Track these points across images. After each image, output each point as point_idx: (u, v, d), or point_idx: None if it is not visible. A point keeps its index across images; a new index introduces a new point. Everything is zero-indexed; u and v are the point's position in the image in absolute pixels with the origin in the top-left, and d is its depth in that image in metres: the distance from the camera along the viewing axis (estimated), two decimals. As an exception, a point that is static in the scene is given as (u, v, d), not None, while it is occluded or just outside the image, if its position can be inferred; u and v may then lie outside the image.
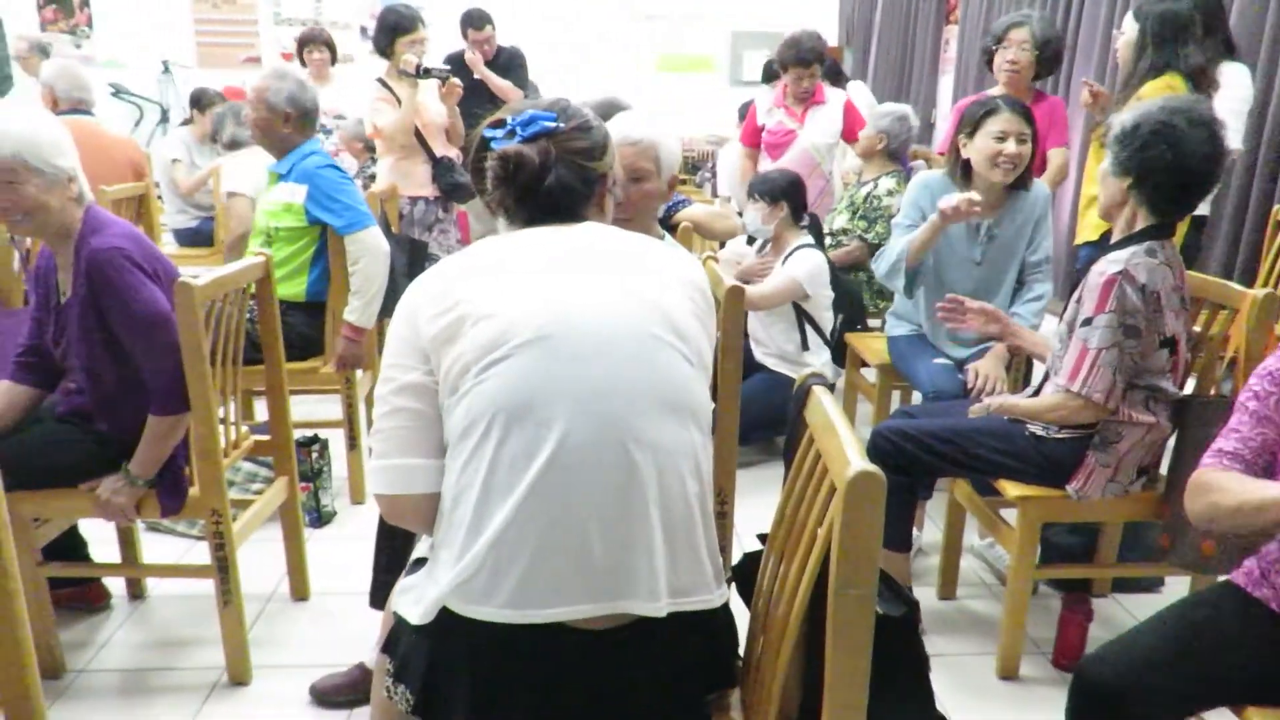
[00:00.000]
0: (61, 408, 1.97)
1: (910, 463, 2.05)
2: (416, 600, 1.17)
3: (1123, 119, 1.83)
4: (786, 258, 3.17)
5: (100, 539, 2.33)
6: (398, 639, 1.21)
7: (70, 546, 2.22)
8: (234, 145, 3.98)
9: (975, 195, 2.31)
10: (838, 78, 4.97)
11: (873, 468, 0.94)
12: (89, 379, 1.88)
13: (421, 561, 1.27)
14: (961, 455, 2.02)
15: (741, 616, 1.28)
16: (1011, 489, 2.00)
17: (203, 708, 1.95)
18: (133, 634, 2.22)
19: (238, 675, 2.02)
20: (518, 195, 1.23)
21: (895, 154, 3.71)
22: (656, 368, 1.14)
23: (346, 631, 2.19)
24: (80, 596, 2.28)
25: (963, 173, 2.47)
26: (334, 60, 4.80)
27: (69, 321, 1.87)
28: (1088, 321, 1.83)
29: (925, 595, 2.40)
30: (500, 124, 1.25)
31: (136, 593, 2.37)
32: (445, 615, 1.12)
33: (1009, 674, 2.09)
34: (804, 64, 3.80)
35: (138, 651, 2.15)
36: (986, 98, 2.53)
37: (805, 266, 3.11)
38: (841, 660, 0.99)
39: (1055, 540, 2.40)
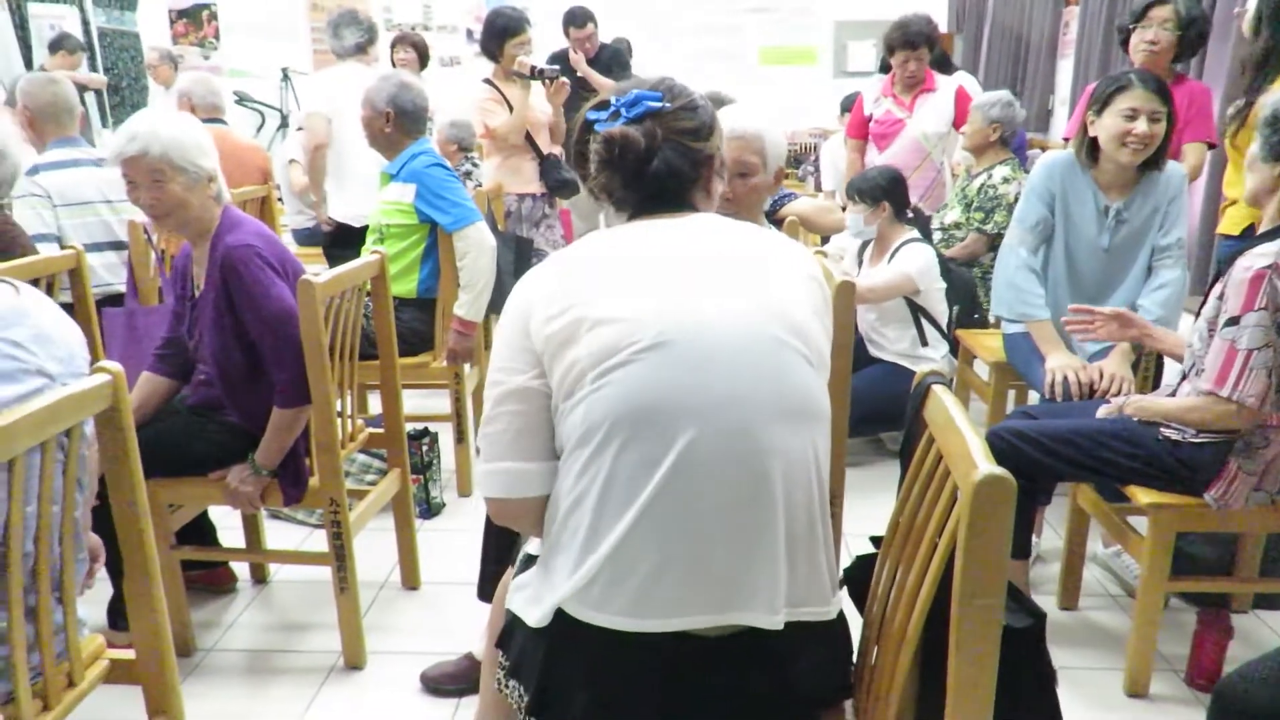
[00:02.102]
0: (193, 399, 2.08)
1: (1029, 466, 1.96)
2: (532, 600, 1.17)
3: (1274, 99, 1.69)
4: (894, 254, 3.09)
5: (227, 525, 2.45)
6: (511, 635, 1.22)
7: (201, 531, 2.34)
8: (337, 57, 3.88)
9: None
10: (945, 66, 4.80)
11: (1002, 471, 0.89)
12: (219, 371, 1.98)
13: (532, 559, 1.26)
14: (1086, 458, 1.92)
15: (853, 621, 1.24)
16: (1143, 495, 1.89)
17: (321, 690, 2.02)
18: (256, 616, 2.32)
19: (353, 660, 2.09)
20: (623, 179, 1.19)
21: (1007, 141, 3.56)
22: (780, 373, 1.10)
23: (455, 621, 2.24)
24: (209, 579, 2.40)
25: (1089, 152, 2.34)
26: (423, 62, 4.62)
27: (202, 314, 1.97)
28: (1234, 320, 1.70)
29: (1046, 605, 2.26)
30: (604, 105, 1.22)
31: (260, 577, 2.48)
32: (562, 618, 1.12)
33: (1138, 691, 1.97)
34: (911, 46, 3.69)
35: (261, 633, 2.25)
36: (1120, 73, 2.38)
37: (916, 262, 3.02)
38: (965, 671, 0.95)
39: (1189, 550, 2.25)
